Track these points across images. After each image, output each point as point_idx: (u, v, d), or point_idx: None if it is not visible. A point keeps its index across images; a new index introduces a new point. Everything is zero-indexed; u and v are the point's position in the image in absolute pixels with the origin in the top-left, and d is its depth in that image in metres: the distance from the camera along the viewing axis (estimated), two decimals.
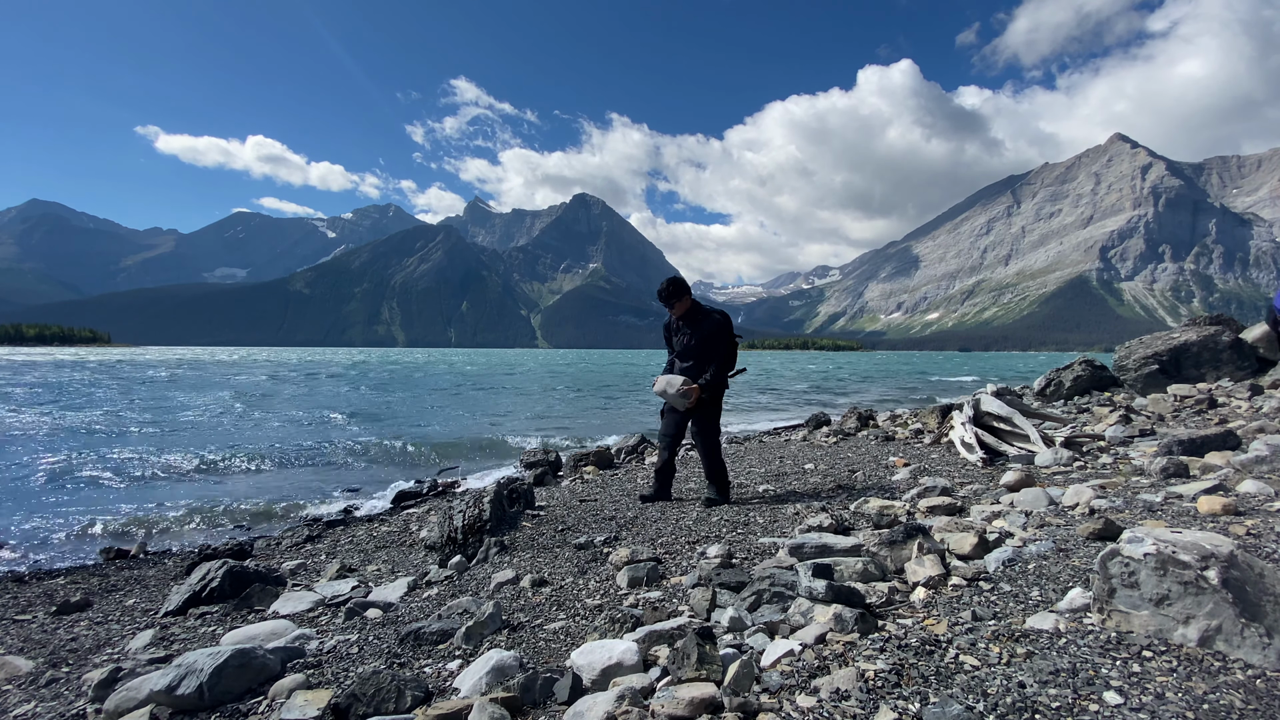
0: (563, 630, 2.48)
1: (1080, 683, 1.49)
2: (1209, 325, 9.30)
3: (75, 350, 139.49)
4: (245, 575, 3.78)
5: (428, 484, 7.92)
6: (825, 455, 6.49)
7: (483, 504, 4.26)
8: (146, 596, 4.14)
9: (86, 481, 8.22)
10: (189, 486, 8.03)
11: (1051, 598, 2.03)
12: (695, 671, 1.77)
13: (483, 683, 1.97)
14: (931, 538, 2.69)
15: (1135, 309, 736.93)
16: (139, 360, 64.71)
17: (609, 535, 3.85)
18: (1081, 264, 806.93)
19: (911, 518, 3.42)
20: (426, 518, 5.89)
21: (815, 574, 2.29)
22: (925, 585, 2.29)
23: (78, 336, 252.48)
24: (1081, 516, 2.95)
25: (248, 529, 6.39)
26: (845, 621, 1.96)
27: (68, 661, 2.88)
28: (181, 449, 10.82)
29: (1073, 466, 4.31)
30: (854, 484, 4.84)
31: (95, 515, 6.62)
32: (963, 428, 5.46)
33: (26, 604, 4.11)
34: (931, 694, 1.52)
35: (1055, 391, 9.36)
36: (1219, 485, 3.07)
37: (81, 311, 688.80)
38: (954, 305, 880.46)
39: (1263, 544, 2.25)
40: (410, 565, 4.31)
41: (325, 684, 2.15)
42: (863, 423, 8.72)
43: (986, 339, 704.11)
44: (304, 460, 10.01)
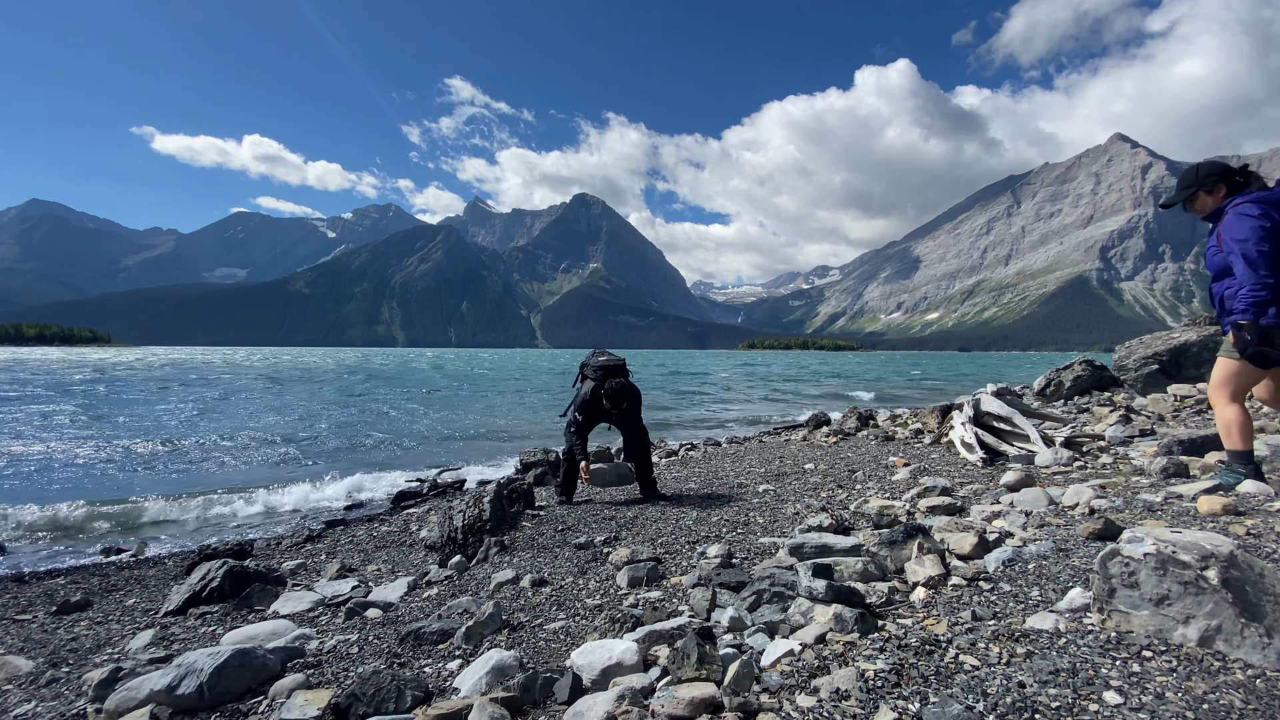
0: (563, 630, 2.48)
1: (1080, 682, 1.49)
2: (1209, 325, 9.30)
3: (79, 350, 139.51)
4: (245, 575, 3.78)
5: (428, 484, 7.91)
6: (825, 455, 6.48)
7: (483, 504, 4.26)
8: (147, 596, 4.15)
9: (86, 481, 8.22)
10: (189, 486, 8.03)
11: (1051, 598, 2.03)
12: (695, 671, 1.77)
13: (483, 682, 1.97)
14: (931, 538, 2.69)
15: (1135, 309, 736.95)
16: (140, 361, 64.74)
17: (609, 535, 3.85)
18: (1081, 264, 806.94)
19: (911, 518, 3.42)
20: (426, 518, 5.89)
21: (815, 574, 2.29)
22: (925, 585, 2.29)
23: (78, 336, 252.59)
24: (1081, 516, 2.95)
25: (248, 529, 6.40)
26: (845, 621, 1.96)
27: (68, 661, 2.88)
28: (182, 449, 10.82)
29: (1073, 466, 4.31)
30: (854, 484, 4.84)
31: (95, 515, 6.63)
32: (963, 428, 5.46)
33: (27, 604, 4.11)
34: (931, 694, 1.52)
35: (1055, 391, 9.36)
36: (1219, 485, 3.07)
37: (81, 311, 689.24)
38: (954, 305, 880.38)
39: (1263, 544, 2.25)
40: (410, 565, 4.31)
41: (325, 684, 2.15)
42: (863, 423, 8.72)
43: (986, 339, 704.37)
44: (304, 460, 10.01)
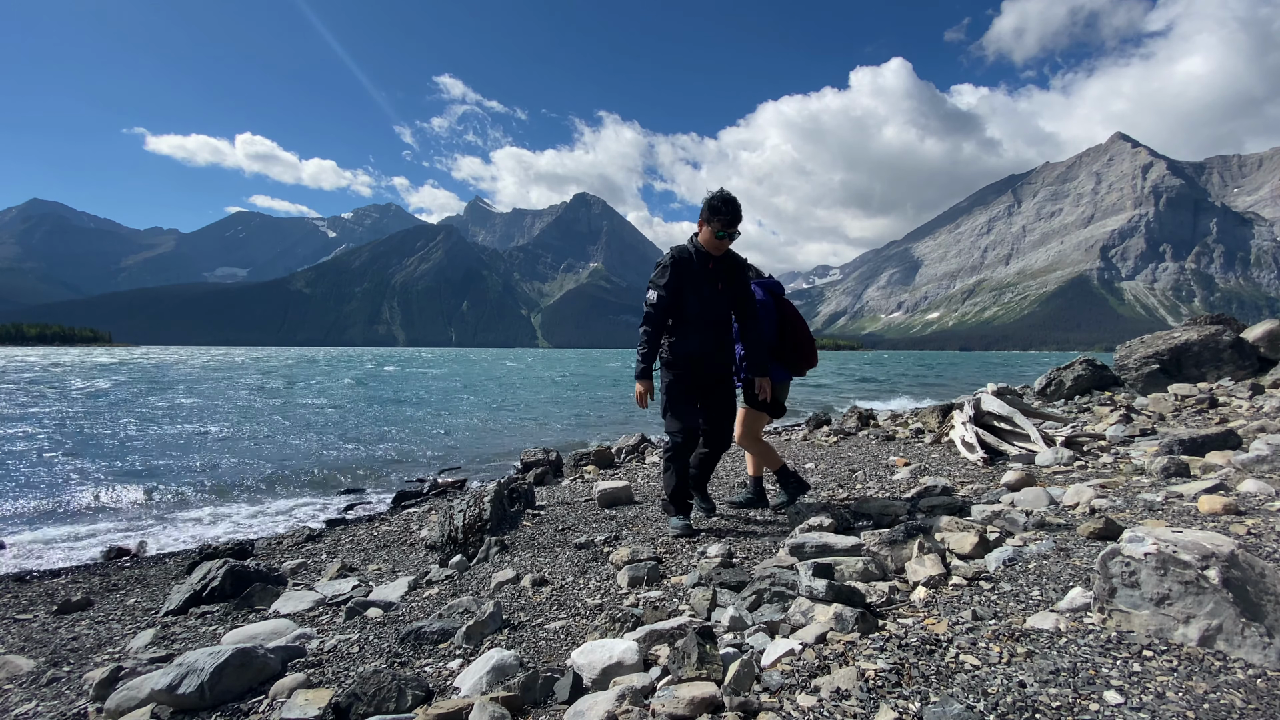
0: (563, 629, 2.48)
1: (1081, 682, 1.48)
2: (1210, 325, 9.30)
3: (79, 350, 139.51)
4: (246, 574, 3.79)
5: (428, 483, 7.92)
6: (825, 455, 6.48)
7: (483, 503, 4.26)
8: (147, 596, 4.15)
9: (87, 481, 8.22)
10: (189, 486, 8.04)
11: (1052, 597, 2.03)
12: (696, 671, 1.77)
13: (483, 682, 1.97)
14: (932, 537, 2.69)
15: (1136, 308, 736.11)
16: (140, 361, 64.72)
17: (609, 535, 3.85)
18: (1082, 263, 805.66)
19: (912, 517, 3.42)
20: (427, 517, 5.89)
21: (816, 573, 2.29)
22: (926, 585, 2.29)
23: (78, 336, 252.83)
24: (1082, 516, 2.95)
25: (248, 528, 6.40)
26: (846, 621, 1.96)
27: (69, 661, 2.88)
28: (181, 449, 10.83)
29: (1073, 466, 4.31)
30: (854, 483, 4.84)
31: (96, 514, 6.64)
32: (963, 427, 5.46)
33: (27, 603, 4.11)
34: (932, 693, 1.52)
35: (1056, 391, 9.36)
36: (1220, 485, 3.06)
37: (82, 311, 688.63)
38: (954, 305, 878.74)
39: (1263, 543, 2.25)
40: (411, 564, 4.31)
41: (326, 683, 2.15)
42: (863, 422, 8.72)
43: (987, 339, 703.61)
44: (304, 460, 10.02)
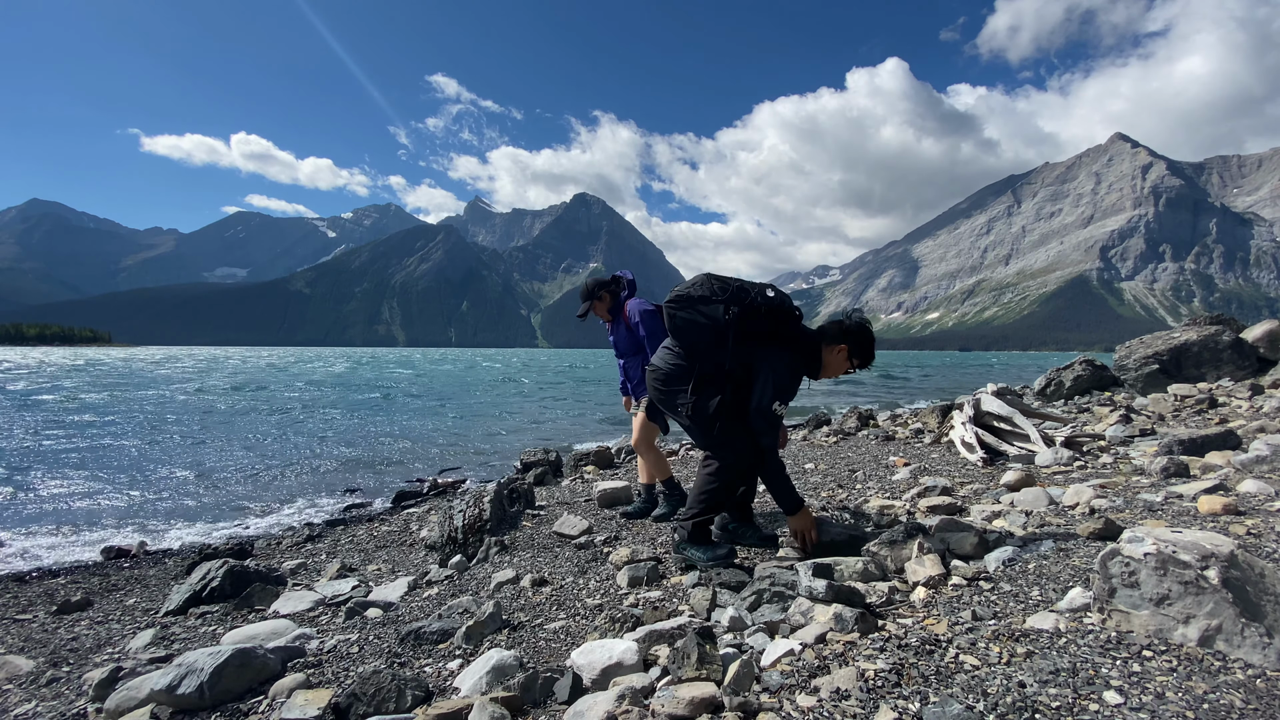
0: (563, 630, 2.48)
1: (1080, 682, 1.49)
2: (1209, 325, 9.30)
3: (79, 351, 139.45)
4: (246, 575, 3.79)
5: (428, 484, 7.92)
6: (825, 455, 6.48)
7: (483, 504, 4.26)
8: (147, 596, 4.15)
9: (87, 481, 8.22)
10: (189, 486, 8.04)
11: (1052, 597, 2.03)
12: (695, 671, 1.77)
13: (483, 682, 1.97)
14: (932, 537, 2.69)
15: (1135, 309, 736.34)
16: (141, 361, 64.70)
17: (609, 535, 3.84)
18: (1082, 264, 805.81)
19: (911, 517, 3.42)
20: (427, 517, 5.89)
21: (815, 573, 2.29)
22: (925, 585, 2.29)
23: (78, 336, 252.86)
24: (1082, 516, 2.95)
25: (248, 528, 6.40)
26: (845, 621, 1.96)
27: (68, 661, 2.88)
28: (181, 449, 10.83)
29: (1073, 466, 4.31)
30: (854, 483, 4.84)
31: (96, 514, 6.63)
32: (963, 427, 5.46)
33: (27, 603, 4.11)
34: (932, 693, 1.52)
35: (1055, 391, 9.36)
36: (1219, 485, 3.07)
37: (82, 311, 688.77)
38: (954, 305, 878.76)
39: (1263, 544, 2.25)
40: (410, 565, 4.31)
41: (326, 683, 2.15)
42: (863, 422, 8.71)
43: (987, 339, 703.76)
44: (304, 460, 10.02)
